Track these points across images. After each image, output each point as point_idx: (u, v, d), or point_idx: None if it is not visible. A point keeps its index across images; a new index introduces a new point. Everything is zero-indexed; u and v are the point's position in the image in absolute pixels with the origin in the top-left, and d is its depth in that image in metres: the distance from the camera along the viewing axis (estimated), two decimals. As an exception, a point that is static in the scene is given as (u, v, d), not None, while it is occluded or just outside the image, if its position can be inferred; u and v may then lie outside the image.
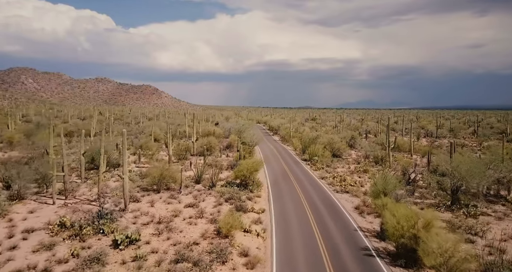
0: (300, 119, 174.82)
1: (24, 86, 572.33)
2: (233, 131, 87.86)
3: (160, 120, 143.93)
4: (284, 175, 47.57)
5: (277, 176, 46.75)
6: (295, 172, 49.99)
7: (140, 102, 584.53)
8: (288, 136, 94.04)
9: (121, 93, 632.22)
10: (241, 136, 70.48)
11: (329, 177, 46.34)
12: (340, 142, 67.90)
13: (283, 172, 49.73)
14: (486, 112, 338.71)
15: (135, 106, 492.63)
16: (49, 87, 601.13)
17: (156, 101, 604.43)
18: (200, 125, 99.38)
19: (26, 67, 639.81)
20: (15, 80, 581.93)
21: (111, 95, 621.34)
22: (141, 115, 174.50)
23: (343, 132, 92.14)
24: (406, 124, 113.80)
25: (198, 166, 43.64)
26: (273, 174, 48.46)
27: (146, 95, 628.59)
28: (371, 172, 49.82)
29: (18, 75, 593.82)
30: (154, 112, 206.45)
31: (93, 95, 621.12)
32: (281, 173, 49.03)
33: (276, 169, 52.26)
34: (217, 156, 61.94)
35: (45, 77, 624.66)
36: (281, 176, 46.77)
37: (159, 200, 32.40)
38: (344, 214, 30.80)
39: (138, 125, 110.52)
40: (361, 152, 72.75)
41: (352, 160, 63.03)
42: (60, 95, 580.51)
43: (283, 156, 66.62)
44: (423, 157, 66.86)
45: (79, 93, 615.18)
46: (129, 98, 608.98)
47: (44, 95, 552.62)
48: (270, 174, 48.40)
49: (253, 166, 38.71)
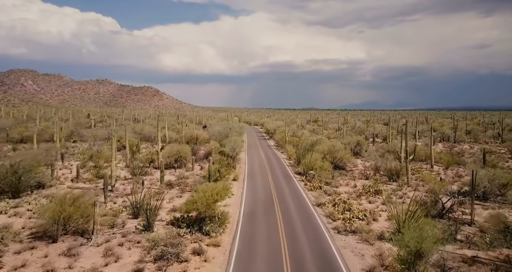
0: (300, 121, 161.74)
1: (23, 88, 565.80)
2: (218, 136, 75.36)
3: (146, 122, 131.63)
4: (267, 200, 34.83)
5: (257, 202, 34.03)
6: (283, 195, 37.17)
7: (141, 104, 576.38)
8: (283, 141, 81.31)
9: (122, 95, 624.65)
10: (223, 142, 57.85)
11: (328, 202, 33.54)
12: (343, 149, 55.00)
13: (267, 195, 36.99)
14: (494, 113, 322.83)
15: (136, 107, 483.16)
16: (49, 89, 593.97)
17: (157, 103, 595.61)
18: (183, 128, 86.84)
19: (26, 69, 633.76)
20: (15, 82, 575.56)
21: (112, 97, 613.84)
22: (131, 117, 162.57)
23: (347, 137, 79.10)
24: (417, 126, 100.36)
25: (153, 187, 31.06)
26: (252, 198, 35.76)
27: (147, 96, 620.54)
28: (385, 195, 36.95)
29: (18, 77, 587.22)
30: (146, 114, 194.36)
31: (93, 97, 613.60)
32: (264, 196, 36.30)
33: (260, 189, 39.55)
34: (188, 169, 49.32)
35: (45, 79, 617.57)
36: (263, 202, 34.03)
37: (40, 261, 19.59)
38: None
39: (110, 128, 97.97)
40: (369, 162, 59.86)
41: (359, 173, 50.17)
42: (60, 97, 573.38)
43: (273, 168, 53.85)
44: (447, 168, 53.79)
45: (79, 95, 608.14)
46: (130, 100, 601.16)
47: (43, 97, 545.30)
48: (249, 197, 35.72)
49: (216, 194, 26.07)
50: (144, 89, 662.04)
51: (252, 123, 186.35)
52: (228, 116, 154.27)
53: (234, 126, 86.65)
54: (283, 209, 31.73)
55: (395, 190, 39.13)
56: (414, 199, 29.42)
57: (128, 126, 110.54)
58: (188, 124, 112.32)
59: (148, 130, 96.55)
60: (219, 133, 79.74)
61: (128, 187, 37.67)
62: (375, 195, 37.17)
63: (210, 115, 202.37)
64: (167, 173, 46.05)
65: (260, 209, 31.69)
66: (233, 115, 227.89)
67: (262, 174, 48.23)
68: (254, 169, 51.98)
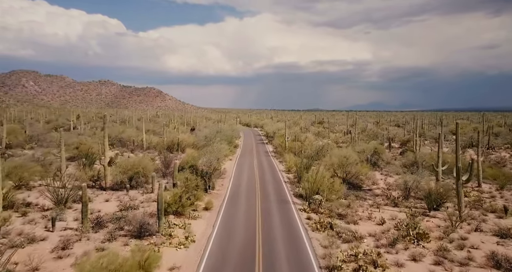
0: (304, 122, 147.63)
1: (24, 89, 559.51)
2: (203, 141, 62.17)
3: (133, 124, 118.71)
4: (246, 253, 21.36)
5: (228, 261, 20.55)
6: (274, 242, 23.58)
7: (143, 105, 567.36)
8: (282, 147, 67.68)
9: (124, 96, 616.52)
10: (203, 151, 44.40)
11: (345, 260, 20.02)
12: (358, 162, 41.25)
13: (248, 240, 23.50)
14: (507, 114, 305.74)
15: (138, 108, 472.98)
16: (51, 90, 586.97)
17: (160, 104, 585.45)
18: (165, 132, 73.60)
19: (28, 70, 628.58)
20: (16, 82, 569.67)
21: (114, 98, 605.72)
22: (118, 118, 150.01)
23: (360, 142, 65.17)
24: (442, 128, 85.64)
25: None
26: (224, 248, 22.31)
27: (149, 97, 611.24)
28: (435, 243, 23.31)
29: (19, 78, 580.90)
30: (137, 115, 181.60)
31: (95, 98, 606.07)
32: (242, 244, 22.84)
33: (239, 229, 26.04)
34: (148, 190, 35.87)
35: (47, 80, 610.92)
36: (239, 258, 20.59)
37: None
38: None
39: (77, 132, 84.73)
40: (391, 175, 46.16)
41: (381, 195, 36.53)
42: (61, 98, 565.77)
43: (266, 186, 40.24)
44: (502, 188, 39.84)
45: (81, 96, 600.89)
46: (132, 101, 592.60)
47: (45, 98, 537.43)
48: (217, 248, 22.26)
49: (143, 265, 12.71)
50: (146, 90, 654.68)
51: (252, 125, 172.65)
52: (224, 117, 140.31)
53: (225, 129, 73.03)
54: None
55: (446, 232, 25.40)
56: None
57: (110, 128, 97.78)
58: (177, 127, 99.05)
59: (129, 133, 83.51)
60: (207, 138, 66.55)
61: (38, 228, 24.47)
62: (418, 242, 23.52)
63: (207, 116, 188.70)
64: (114, 198, 32.74)
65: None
66: (232, 116, 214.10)
67: (248, 198, 34.70)
68: (240, 189, 38.47)
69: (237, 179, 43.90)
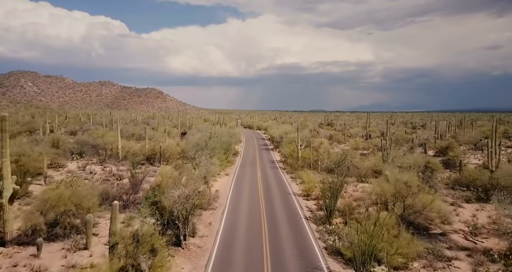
0: (312, 124, 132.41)
1: (23, 90, 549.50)
2: (194, 149, 47.59)
3: (121, 126, 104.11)
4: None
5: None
6: None
7: (144, 106, 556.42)
8: (294, 157, 52.77)
9: (124, 97, 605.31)
10: (182, 169, 29.66)
11: None
12: (422, 190, 26.44)
13: None
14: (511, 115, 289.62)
15: (138, 109, 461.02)
16: (50, 91, 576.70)
17: (161, 105, 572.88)
18: (149, 137, 59.04)
19: (27, 71, 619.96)
20: (14, 83, 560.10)
21: (114, 99, 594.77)
22: (114, 120, 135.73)
23: (394, 152, 50.18)
24: (496, 133, 68.78)
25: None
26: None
27: (150, 98, 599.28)
28: None
29: (18, 79, 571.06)
30: (131, 117, 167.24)
31: (95, 99, 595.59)
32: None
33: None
34: (75, 245, 21.22)
35: (46, 81, 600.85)
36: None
37: None
38: None
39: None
40: (460, 204, 31.48)
41: (472, 249, 21.92)
42: (60, 99, 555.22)
43: (279, 229, 25.51)
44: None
45: (81, 97, 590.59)
46: (133, 102, 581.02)
47: (43, 99, 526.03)
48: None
49: None
50: (147, 91, 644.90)
51: (254, 127, 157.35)
52: (223, 118, 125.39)
53: (222, 133, 58.17)
54: None
55: None
56: None
57: (90, 131, 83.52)
58: (167, 130, 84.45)
59: (107, 139, 68.97)
60: (198, 146, 51.96)
61: None
62: None
63: (206, 118, 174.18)
64: (7, 265, 18.15)
65: None
66: (234, 117, 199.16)
67: (251, 253, 20.10)
68: (238, 233, 23.86)
69: (234, 212, 29.28)
